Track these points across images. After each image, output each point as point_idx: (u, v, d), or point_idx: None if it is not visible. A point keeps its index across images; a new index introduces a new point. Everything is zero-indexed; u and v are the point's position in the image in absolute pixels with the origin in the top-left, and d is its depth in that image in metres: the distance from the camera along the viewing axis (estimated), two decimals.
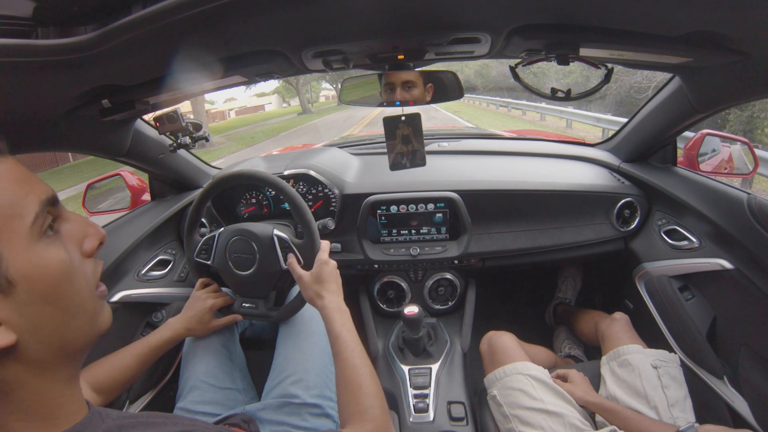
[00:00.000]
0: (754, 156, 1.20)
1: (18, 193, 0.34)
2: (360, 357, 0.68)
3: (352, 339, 0.70)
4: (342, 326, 0.71)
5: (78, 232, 0.39)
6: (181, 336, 0.89)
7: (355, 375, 0.65)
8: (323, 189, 1.24)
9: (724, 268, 0.94)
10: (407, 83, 0.80)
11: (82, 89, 0.65)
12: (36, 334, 0.34)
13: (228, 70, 0.68)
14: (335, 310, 0.74)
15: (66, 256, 0.37)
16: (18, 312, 0.33)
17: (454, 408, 0.99)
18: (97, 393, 0.75)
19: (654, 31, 0.59)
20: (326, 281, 0.78)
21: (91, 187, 1.40)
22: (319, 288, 0.77)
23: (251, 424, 0.71)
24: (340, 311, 0.74)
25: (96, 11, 0.46)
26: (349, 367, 0.66)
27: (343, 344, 0.69)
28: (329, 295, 0.76)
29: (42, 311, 0.34)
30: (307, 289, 0.79)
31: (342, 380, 0.66)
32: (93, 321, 0.40)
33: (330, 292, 0.77)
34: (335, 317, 0.73)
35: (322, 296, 0.76)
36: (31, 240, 0.34)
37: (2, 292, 0.32)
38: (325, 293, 0.77)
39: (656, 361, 0.91)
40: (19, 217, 0.34)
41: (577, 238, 1.23)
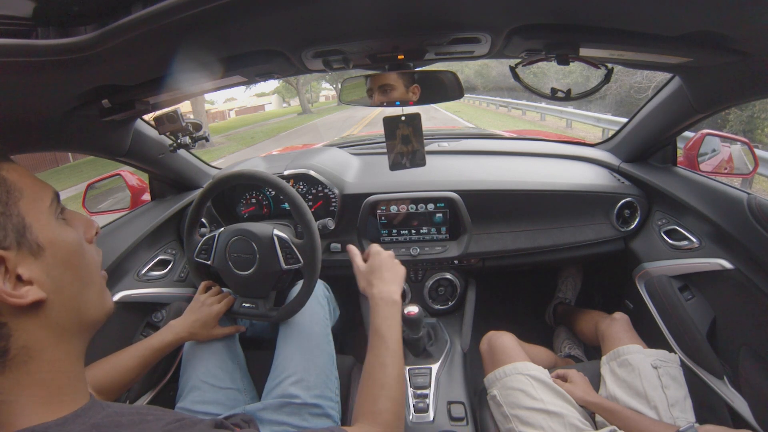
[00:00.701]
0: (754, 156, 1.20)
1: (37, 184, 0.42)
2: (392, 357, 0.66)
3: (391, 336, 0.68)
4: (383, 320, 0.69)
5: (80, 223, 0.46)
6: (183, 340, 0.89)
7: (381, 374, 0.64)
8: (323, 189, 1.24)
9: (724, 268, 0.94)
10: (385, 86, 0.80)
11: (82, 89, 0.65)
12: (59, 296, 0.40)
13: (228, 70, 0.68)
14: (382, 299, 0.72)
15: (77, 235, 0.44)
16: (46, 273, 0.39)
17: (454, 408, 0.99)
18: (98, 393, 0.75)
19: (654, 31, 0.59)
20: (378, 269, 0.77)
21: (91, 187, 1.40)
22: (371, 276, 0.76)
23: (251, 424, 0.71)
24: (387, 302, 0.72)
25: (96, 11, 0.46)
26: (378, 365, 0.65)
27: (379, 340, 0.67)
28: (380, 284, 0.75)
29: (64, 275, 0.41)
30: (361, 279, 0.78)
31: (366, 375, 0.65)
32: (101, 297, 0.46)
33: (381, 279, 0.75)
34: (379, 309, 0.71)
35: (372, 284, 0.75)
36: (50, 218, 0.41)
37: (34, 254, 0.38)
38: (375, 281, 0.75)
39: (656, 361, 0.91)
40: (40, 200, 0.41)
41: (577, 238, 1.23)
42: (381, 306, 0.71)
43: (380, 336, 0.68)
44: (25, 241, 0.38)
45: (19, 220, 0.38)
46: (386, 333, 0.68)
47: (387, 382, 0.63)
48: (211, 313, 0.91)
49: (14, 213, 0.38)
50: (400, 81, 0.79)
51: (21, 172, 0.41)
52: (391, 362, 0.65)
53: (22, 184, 0.40)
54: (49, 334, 0.39)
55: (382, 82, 0.80)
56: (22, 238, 0.38)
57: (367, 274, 0.77)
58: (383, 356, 0.66)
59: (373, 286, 0.74)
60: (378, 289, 0.73)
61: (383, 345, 0.67)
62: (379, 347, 0.67)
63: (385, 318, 0.70)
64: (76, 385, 0.41)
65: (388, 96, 0.80)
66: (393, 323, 0.70)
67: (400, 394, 0.63)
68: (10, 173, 0.40)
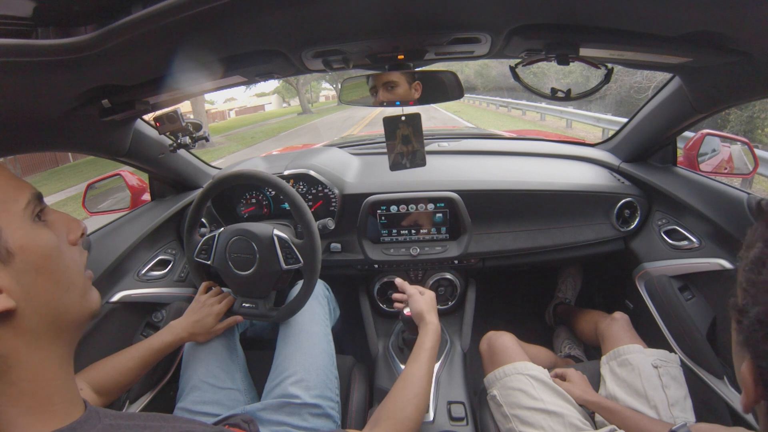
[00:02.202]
0: (754, 156, 1.20)
1: (12, 184, 0.40)
2: (428, 373, 0.76)
3: (432, 357, 0.80)
4: (432, 342, 0.82)
5: (62, 224, 0.44)
6: (183, 340, 0.89)
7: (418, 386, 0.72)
8: (323, 189, 1.24)
9: (724, 268, 0.94)
10: (389, 83, 0.81)
11: (82, 89, 0.65)
12: (31, 302, 0.38)
13: (228, 70, 0.68)
14: (434, 330, 0.85)
15: (54, 238, 0.42)
16: (16, 280, 0.37)
17: (454, 408, 0.99)
18: (98, 394, 0.75)
19: (654, 31, 0.59)
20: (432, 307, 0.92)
21: (91, 187, 1.40)
22: (429, 308, 0.90)
23: (251, 424, 0.71)
24: (436, 333, 0.85)
25: (96, 11, 0.46)
26: (418, 376, 0.73)
27: (424, 354, 0.79)
28: (434, 317, 0.89)
29: (36, 281, 0.38)
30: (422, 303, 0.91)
31: (403, 382, 0.73)
32: (83, 298, 0.44)
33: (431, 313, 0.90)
34: (431, 333, 0.84)
35: (428, 316, 0.88)
36: (24, 221, 0.39)
37: (2, 261, 0.36)
38: (433, 312, 0.91)
39: (656, 360, 0.91)
40: (14, 201, 0.39)
41: (577, 238, 1.23)
42: (432, 333, 0.85)
43: (425, 351, 0.79)
44: None
45: None
46: (431, 353, 0.80)
47: (420, 392, 0.71)
48: (212, 313, 0.91)
49: None
50: (403, 78, 0.80)
51: None
52: (428, 380, 0.75)
53: None
54: (25, 342, 0.37)
55: (386, 79, 0.80)
56: None
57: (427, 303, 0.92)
58: (427, 368, 0.76)
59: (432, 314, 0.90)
60: (431, 319, 0.88)
61: (425, 359, 0.77)
62: (424, 360, 0.77)
63: (432, 341, 0.82)
64: (66, 393, 0.40)
65: (392, 93, 0.81)
66: (436, 345, 0.83)
67: (424, 408, 0.72)
68: None
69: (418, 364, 0.76)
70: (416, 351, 0.81)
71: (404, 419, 0.66)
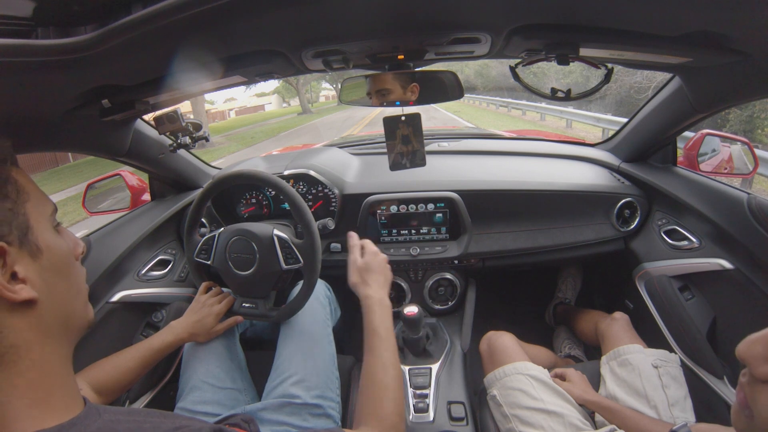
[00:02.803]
0: (754, 156, 1.20)
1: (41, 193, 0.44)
2: (392, 357, 0.67)
3: (388, 337, 0.69)
4: (380, 321, 0.71)
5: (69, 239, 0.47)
6: (183, 341, 0.89)
7: (384, 375, 0.65)
8: (323, 189, 1.24)
9: (724, 268, 0.94)
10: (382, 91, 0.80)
11: (82, 89, 0.65)
12: (50, 299, 0.40)
13: (228, 70, 0.68)
14: (377, 301, 0.73)
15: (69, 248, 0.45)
16: (40, 275, 0.40)
17: (454, 408, 0.99)
18: (98, 394, 0.75)
19: (654, 31, 0.59)
20: (373, 271, 0.78)
21: (91, 187, 1.40)
22: (366, 276, 0.78)
23: (251, 424, 0.71)
24: (382, 305, 0.73)
25: (96, 11, 0.46)
26: (380, 366, 0.66)
27: (378, 340, 0.68)
28: (375, 285, 0.76)
29: (56, 280, 0.42)
30: (355, 274, 0.79)
31: (369, 377, 0.65)
32: (85, 307, 0.47)
33: (376, 282, 0.77)
34: (376, 310, 0.72)
35: (368, 284, 0.76)
36: (49, 225, 0.43)
37: (32, 255, 0.40)
38: (372, 282, 0.77)
39: (656, 360, 0.91)
40: (43, 206, 0.43)
41: (577, 238, 1.23)
42: (377, 308, 0.72)
43: (379, 337, 0.68)
44: (26, 241, 0.39)
45: (24, 220, 0.40)
46: (384, 334, 0.69)
47: (390, 383, 0.64)
48: (212, 313, 0.91)
49: (21, 212, 0.40)
50: (396, 83, 0.79)
51: (27, 178, 0.43)
52: (391, 363, 0.66)
53: (29, 189, 0.42)
54: (37, 335, 0.39)
55: (379, 87, 0.80)
56: (25, 237, 0.39)
57: (363, 271, 0.78)
58: (384, 357, 0.66)
59: (369, 287, 0.75)
60: (374, 291, 0.75)
61: (383, 345, 0.68)
62: (379, 347, 0.67)
63: (381, 320, 0.71)
64: (67, 390, 0.41)
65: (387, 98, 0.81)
66: (389, 326, 0.71)
67: (401, 394, 0.65)
68: (19, 176, 0.42)
69: (373, 358, 0.67)
70: (368, 338, 0.69)
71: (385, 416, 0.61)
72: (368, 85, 0.81)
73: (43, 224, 0.42)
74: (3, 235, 0.37)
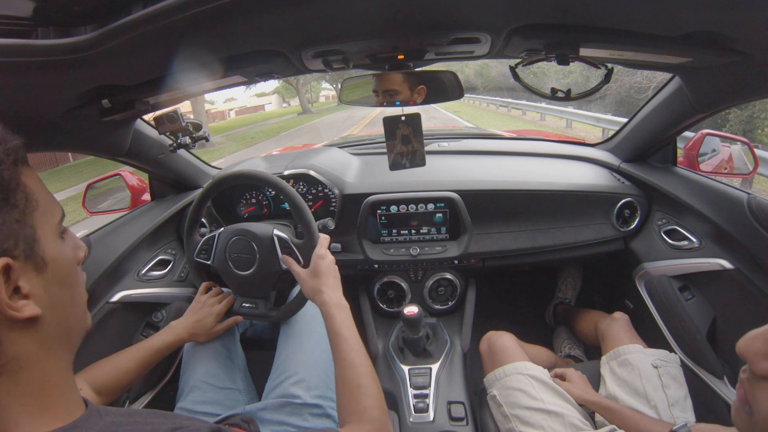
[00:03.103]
0: (754, 156, 1.20)
1: (50, 198, 0.42)
2: (360, 356, 0.68)
3: (352, 337, 0.70)
4: (342, 324, 0.71)
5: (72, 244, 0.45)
6: (183, 341, 0.89)
7: (355, 375, 0.65)
8: (323, 189, 1.24)
9: (724, 268, 0.94)
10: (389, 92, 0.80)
11: (82, 89, 0.65)
12: (52, 312, 0.39)
13: (228, 70, 0.68)
14: (334, 305, 0.73)
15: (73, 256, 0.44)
16: (44, 289, 0.38)
17: (454, 408, 0.99)
18: (98, 394, 0.75)
19: (654, 31, 0.59)
20: (323, 275, 0.78)
21: (91, 187, 1.40)
22: (317, 282, 0.77)
23: (251, 424, 0.71)
24: (340, 307, 0.73)
25: (96, 11, 0.46)
26: (349, 366, 0.66)
27: (343, 342, 0.69)
28: (327, 290, 0.76)
29: (59, 293, 0.40)
30: (305, 284, 0.79)
31: (341, 379, 0.66)
32: (85, 315, 0.46)
33: (328, 286, 0.76)
34: (335, 314, 0.72)
35: (321, 291, 0.76)
36: (56, 235, 0.41)
37: (37, 269, 0.38)
38: (323, 287, 0.76)
39: (656, 360, 0.91)
40: (51, 214, 0.41)
41: (577, 238, 1.23)
42: (335, 311, 0.72)
43: (343, 338, 0.69)
44: (32, 254, 0.38)
45: (32, 231, 0.38)
46: (347, 334, 0.69)
47: (363, 381, 0.65)
48: (212, 313, 0.91)
49: (28, 224, 0.38)
50: (405, 85, 0.79)
51: (37, 181, 0.41)
52: (360, 361, 0.67)
53: (38, 195, 0.40)
54: (40, 348, 0.38)
55: (386, 87, 0.80)
56: (31, 251, 0.37)
57: (312, 279, 0.78)
58: (351, 357, 0.67)
59: (323, 293, 0.75)
60: (328, 296, 0.75)
61: (348, 346, 0.68)
62: (345, 349, 0.68)
63: (342, 322, 0.71)
64: (68, 395, 0.41)
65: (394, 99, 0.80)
66: (350, 326, 0.72)
67: (377, 389, 0.65)
68: (29, 180, 0.39)
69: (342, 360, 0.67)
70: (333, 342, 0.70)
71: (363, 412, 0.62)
72: (375, 84, 0.80)
73: (50, 235, 0.40)
74: (8, 249, 0.35)
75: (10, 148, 0.38)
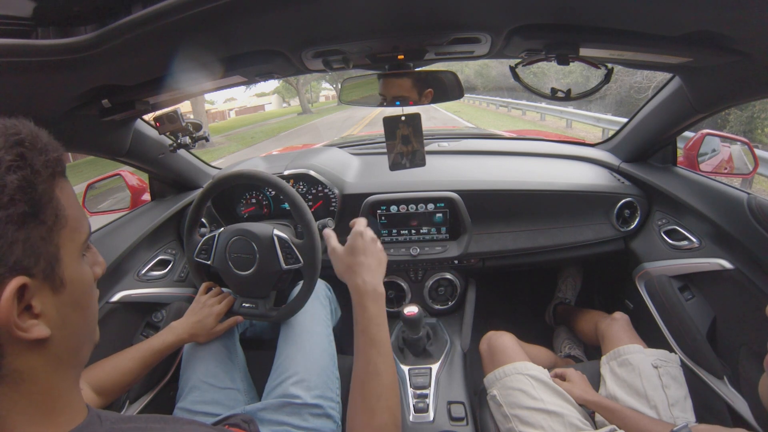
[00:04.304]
0: (754, 156, 1.20)
1: (80, 214, 0.40)
2: (386, 363, 0.59)
3: (381, 338, 0.60)
4: (371, 319, 0.60)
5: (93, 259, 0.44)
6: (184, 341, 0.89)
7: (377, 384, 0.57)
8: (323, 189, 1.24)
9: (724, 268, 0.94)
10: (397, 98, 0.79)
11: (82, 89, 0.65)
12: (62, 333, 0.37)
13: (228, 70, 0.68)
14: (368, 293, 0.62)
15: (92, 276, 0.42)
16: (57, 310, 0.36)
17: (454, 408, 0.99)
18: (98, 394, 0.75)
19: (654, 31, 0.59)
20: (361, 253, 0.66)
21: (91, 187, 1.40)
22: (352, 260, 0.65)
23: (251, 424, 0.71)
24: (374, 296, 0.62)
25: (96, 11, 0.46)
26: (373, 374, 0.58)
27: (369, 343, 0.59)
28: (363, 271, 0.64)
29: (72, 314, 0.38)
30: (339, 262, 0.67)
31: (360, 386, 0.58)
32: (94, 332, 0.44)
33: (365, 267, 0.65)
34: (367, 304, 0.61)
35: (354, 271, 0.64)
36: (79, 254, 0.39)
37: (54, 290, 0.36)
38: (358, 267, 0.64)
39: (656, 360, 0.91)
40: (79, 233, 0.39)
41: (577, 238, 1.23)
42: (368, 301, 0.62)
43: (370, 338, 0.60)
44: (52, 275, 0.35)
45: (55, 250, 0.36)
46: (376, 335, 0.60)
47: (383, 392, 0.57)
48: (212, 314, 0.91)
49: (54, 242, 0.36)
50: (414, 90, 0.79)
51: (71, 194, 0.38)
52: (384, 369, 0.58)
53: (69, 212, 0.37)
54: (45, 364, 0.37)
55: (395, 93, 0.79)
56: (51, 271, 0.35)
57: (347, 257, 0.66)
58: (376, 363, 0.58)
59: (357, 275, 0.63)
60: (362, 279, 0.63)
61: (374, 349, 0.59)
62: (370, 352, 0.59)
63: (373, 316, 0.61)
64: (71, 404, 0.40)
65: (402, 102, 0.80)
66: (382, 322, 0.61)
67: (396, 403, 0.58)
68: (63, 194, 0.37)
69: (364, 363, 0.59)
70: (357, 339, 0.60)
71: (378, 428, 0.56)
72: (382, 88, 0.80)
73: (73, 255, 0.38)
74: (28, 267, 0.33)
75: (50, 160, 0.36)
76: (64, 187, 0.38)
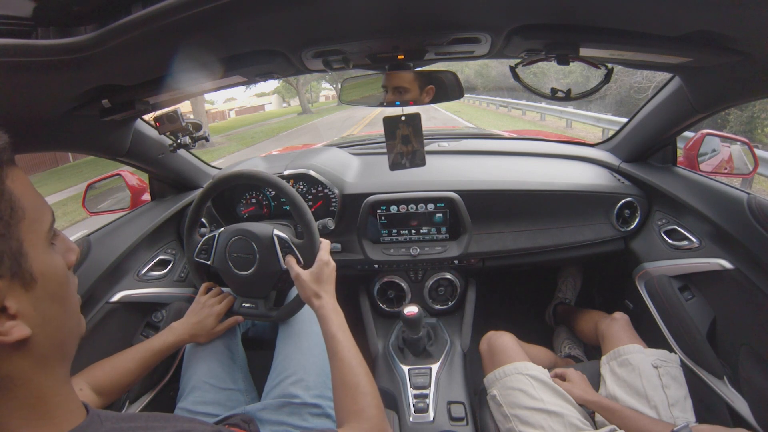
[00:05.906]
0: (754, 156, 1.20)
1: (40, 203, 0.38)
2: (356, 357, 0.70)
3: (348, 339, 0.72)
4: (338, 327, 0.73)
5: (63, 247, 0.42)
6: (184, 342, 0.89)
7: (352, 375, 0.67)
8: (323, 189, 1.24)
9: (724, 268, 0.94)
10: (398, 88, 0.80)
11: (82, 89, 0.65)
12: (44, 329, 0.36)
13: (228, 70, 0.68)
14: (332, 310, 0.76)
15: (64, 265, 0.41)
16: (34, 307, 0.35)
17: (454, 408, 0.99)
18: (98, 394, 0.75)
19: (654, 31, 0.59)
20: (325, 282, 0.80)
21: (91, 187, 1.40)
22: (318, 288, 0.79)
23: (251, 425, 0.71)
24: (336, 312, 0.76)
25: (96, 11, 0.46)
26: (346, 368, 0.68)
27: (339, 344, 0.71)
28: (327, 296, 0.78)
29: (51, 308, 0.37)
30: (305, 288, 0.79)
31: (338, 380, 0.68)
32: (79, 323, 0.43)
33: (327, 293, 0.79)
34: (332, 318, 0.74)
35: (320, 296, 0.78)
36: (46, 244, 0.38)
37: (25, 286, 0.35)
38: (323, 293, 0.78)
39: (656, 360, 0.91)
40: (40, 222, 0.37)
41: (577, 238, 1.23)
42: (333, 316, 0.75)
43: (339, 341, 0.71)
44: (19, 271, 0.34)
45: (18, 245, 0.34)
46: (343, 338, 0.72)
47: (359, 381, 0.66)
48: (212, 314, 0.91)
49: (14, 236, 0.34)
50: (415, 84, 0.79)
51: (24, 183, 0.37)
52: (356, 362, 0.69)
53: (25, 202, 0.35)
54: (33, 364, 0.36)
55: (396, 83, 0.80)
56: (18, 267, 0.34)
57: (312, 283, 0.79)
58: (348, 359, 0.69)
59: (321, 298, 0.77)
60: (326, 301, 0.77)
61: (344, 349, 0.70)
62: (341, 351, 0.70)
63: (338, 325, 0.74)
64: (68, 403, 0.40)
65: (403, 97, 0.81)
66: (345, 328, 0.74)
67: (373, 388, 0.67)
68: (15, 184, 0.35)
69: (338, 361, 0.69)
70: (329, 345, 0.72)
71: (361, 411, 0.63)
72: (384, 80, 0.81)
73: (39, 246, 0.36)
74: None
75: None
76: (15, 176, 0.35)
